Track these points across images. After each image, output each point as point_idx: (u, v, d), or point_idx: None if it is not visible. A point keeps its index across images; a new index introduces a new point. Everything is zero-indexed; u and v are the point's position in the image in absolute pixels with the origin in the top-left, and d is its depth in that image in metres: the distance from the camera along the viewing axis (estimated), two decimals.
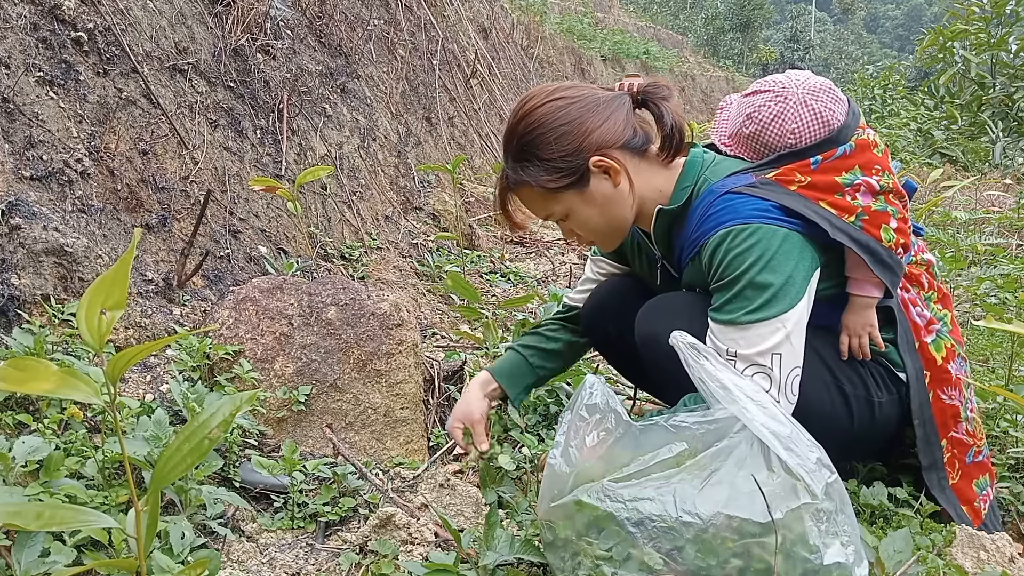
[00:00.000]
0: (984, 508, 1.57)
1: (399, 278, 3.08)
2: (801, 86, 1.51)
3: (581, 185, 1.48)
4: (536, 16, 8.28)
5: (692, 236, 1.48)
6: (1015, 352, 2.24)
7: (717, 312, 1.39)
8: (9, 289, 1.64)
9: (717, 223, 1.40)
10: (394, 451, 1.87)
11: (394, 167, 3.92)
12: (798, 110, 1.49)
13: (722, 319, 1.37)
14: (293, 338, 1.87)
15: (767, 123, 1.50)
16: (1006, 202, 5.64)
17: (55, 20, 2.09)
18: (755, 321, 1.33)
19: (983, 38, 9.73)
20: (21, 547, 1.10)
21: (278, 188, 2.30)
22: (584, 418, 1.23)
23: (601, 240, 1.59)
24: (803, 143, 1.48)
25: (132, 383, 1.73)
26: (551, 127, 1.44)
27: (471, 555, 1.35)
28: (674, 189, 1.51)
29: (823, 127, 1.48)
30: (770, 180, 1.43)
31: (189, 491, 1.40)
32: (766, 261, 1.34)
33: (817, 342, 1.45)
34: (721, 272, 1.39)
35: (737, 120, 1.57)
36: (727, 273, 1.37)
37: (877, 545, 1.27)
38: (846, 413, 1.44)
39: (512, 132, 1.49)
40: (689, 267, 1.53)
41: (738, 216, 1.38)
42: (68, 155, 1.97)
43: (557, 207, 1.50)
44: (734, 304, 1.36)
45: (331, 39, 3.70)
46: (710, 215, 1.43)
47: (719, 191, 1.44)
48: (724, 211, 1.41)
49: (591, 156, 1.45)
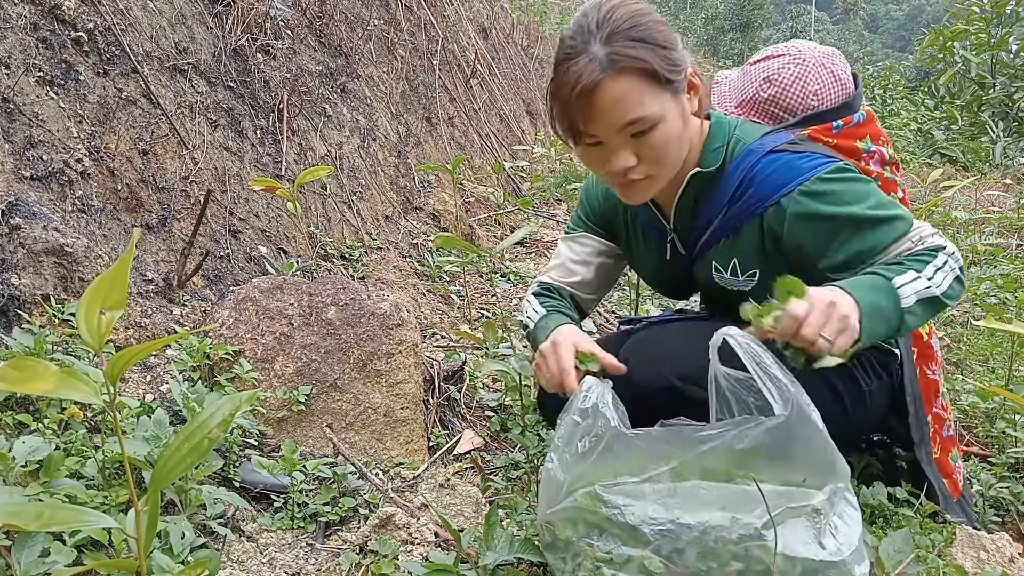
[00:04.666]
0: (960, 481, 1.60)
1: (399, 278, 3.08)
2: (816, 50, 1.51)
3: (678, 92, 1.27)
4: (536, 16, 8.28)
5: (739, 203, 1.32)
6: (1015, 352, 2.24)
7: (871, 249, 1.24)
8: (9, 289, 1.64)
9: (778, 185, 1.28)
10: (394, 451, 1.87)
11: (394, 167, 3.92)
12: (818, 72, 1.48)
13: (890, 239, 1.24)
14: (293, 338, 1.87)
15: (788, 85, 1.48)
16: (1006, 202, 5.64)
17: (55, 20, 2.09)
18: (907, 229, 1.25)
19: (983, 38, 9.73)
20: (21, 547, 1.10)
21: (278, 188, 2.30)
22: (577, 423, 1.20)
23: (651, 183, 1.31)
24: (824, 105, 1.47)
25: (132, 383, 1.73)
26: (658, 20, 1.26)
27: (471, 555, 1.35)
28: (703, 151, 1.35)
29: (841, 90, 1.49)
30: (807, 138, 1.37)
31: (189, 491, 1.40)
32: (875, 191, 1.26)
33: None
34: (831, 222, 1.25)
35: (749, 86, 1.53)
36: (840, 223, 1.24)
37: (877, 545, 1.27)
38: (840, 410, 1.43)
39: (612, 17, 1.23)
40: (724, 243, 1.38)
41: (802, 172, 1.27)
42: (68, 155, 1.97)
43: (655, 107, 1.22)
44: (882, 224, 1.24)
45: (331, 39, 3.70)
46: (766, 177, 1.29)
47: (760, 151, 1.32)
48: (781, 170, 1.29)
49: (686, 67, 1.28)
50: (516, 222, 4.55)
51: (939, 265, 1.23)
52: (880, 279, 1.19)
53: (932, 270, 1.22)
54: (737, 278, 1.39)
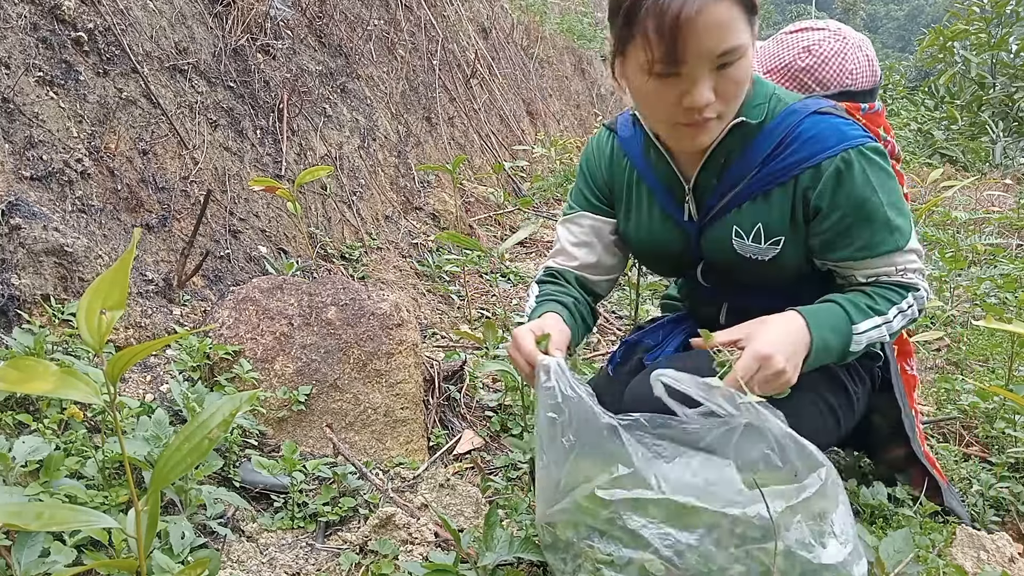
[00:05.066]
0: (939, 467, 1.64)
1: (399, 278, 3.08)
2: (853, 32, 1.53)
3: (755, 23, 1.18)
4: (536, 16, 8.27)
5: (776, 162, 1.27)
6: (1015, 352, 2.24)
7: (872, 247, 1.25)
8: (9, 289, 1.64)
9: (822, 146, 1.23)
10: (394, 451, 1.87)
11: (394, 167, 3.92)
12: (856, 52, 1.48)
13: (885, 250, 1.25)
14: (293, 338, 1.87)
15: (828, 58, 1.48)
16: (1006, 202, 5.65)
17: (55, 20, 2.09)
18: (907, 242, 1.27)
19: (983, 38, 9.73)
20: (21, 547, 1.10)
21: (278, 188, 2.30)
22: (554, 419, 1.16)
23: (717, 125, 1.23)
24: (857, 86, 1.48)
25: (132, 383, 1.73)
26: None
27: (471, 555, 1.35)
28: (744, 104, 1.25)
29: (872, 76, 1.50)
30: (846, 110, 1.33)
31: (189, 491, 1.40)
32: (892, 183, 1.27)
33: None
34: (852, 200, 1.23)
35: (785, 53, 1.52)
36: (860, 202, 1.23)
37: (877, 545, 1.27)
38: (835, 424, 1.42)
39: None
40: (749, 206, 1.30)
41: (847, 138, 1.23)
42: (68, 155, 1.97)
43: (743, 37, 1.14)
44: (882, 232, 1.25)
45: (331, 39, 3.70)
46: (810, 137, 1.24)
47: (803, 111, 1.26)
48: (828, 131, 1.24)
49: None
50: (516, 222, 4.55)
51: (903, 308, 1.28)
52: (844, 320, 1.23)
53: (895, 313, 1.27)
54: (759, 245, 1.31)
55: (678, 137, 1.26)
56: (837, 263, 1.30)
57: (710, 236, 1.37)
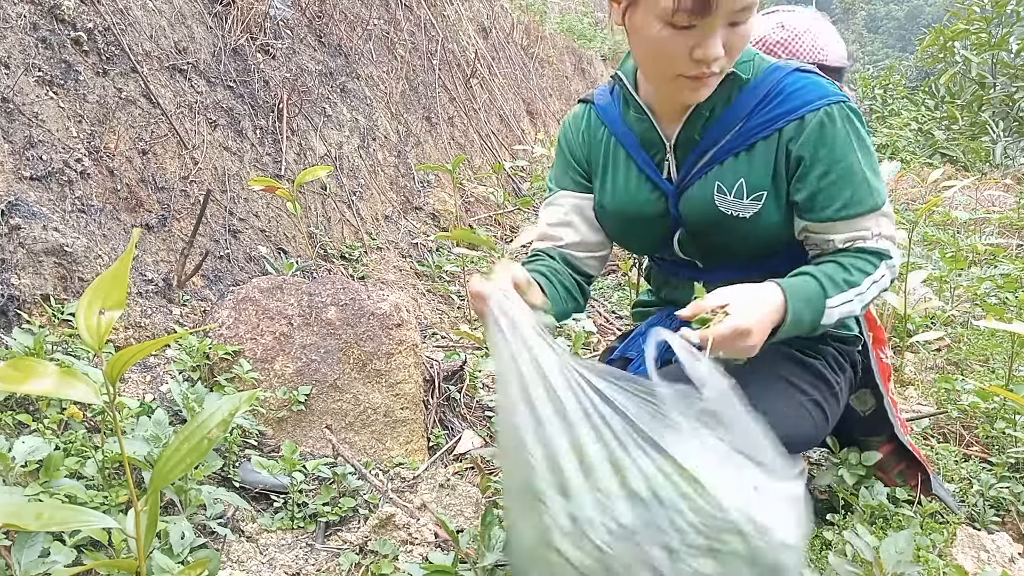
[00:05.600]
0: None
1: (399, 278, 3.08)
2: (824, 16, 1.61)
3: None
4: (536, 16, 8.27)
5: (760, 115, 1.28)
6: (1015, 352, 2.24)
7: (851, 205, 1.27)
8: (9, 289, 1.64)
9: (806, 100, 1.26)
10: (394, 451, 1.87)
11: (394, 167, 3.92)
12: (827, 30, 1.55)
13: (863, 209, 1.27)
14: (293, 338, 1.87)
15: (800, 33, 1.54)
16: (1006, 202, 5.64)
17: (55, 20, 2.09)
18: (883, 203, 1.29)
19: (984, 38, 9.73)
20: (21, 547, 1.10)
21: (278, 188, 2.30)
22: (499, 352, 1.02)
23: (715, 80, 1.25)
24: (829, 61, 1.51)
25: (132, 383, 1.73)
26: None
27: (470, 555, 1.35)
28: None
29: (843, 57, 1.55)
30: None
31: (189, 491, 1.40)
32: (870, 145, 1.30)
33: (778, 363, 1.38)
34: (833, 155, 1.26)
35: (759, 28, 1.58)
36: (840, 157, 1.25)
37: (878, 546, 1.27)
38: (823, 419, 1.42)
39: None
40: (730, 162, 1.32)
41: (829, 94, 1.26)
42: (68, 155, 1.97)
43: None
44: (862, 190, 1.27)
45: (331, 39, 3.70)
46: (794, 91, 1.27)
47: (786, 68, 1.30)
48: (811, 86, 1.27)
49: None
50: (516, 222, 4.55)
51: (876, 278, 1.29)
52: (819, 294, 1.24)
53: (868, 283, 1.28)
54: (741, 200, 1.31)
55: (677, 89, 1.25)
56: (818, 224, 1.30)
57: (690, 195, 1.36)
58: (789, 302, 1.20)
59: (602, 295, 3.49)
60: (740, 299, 1.17)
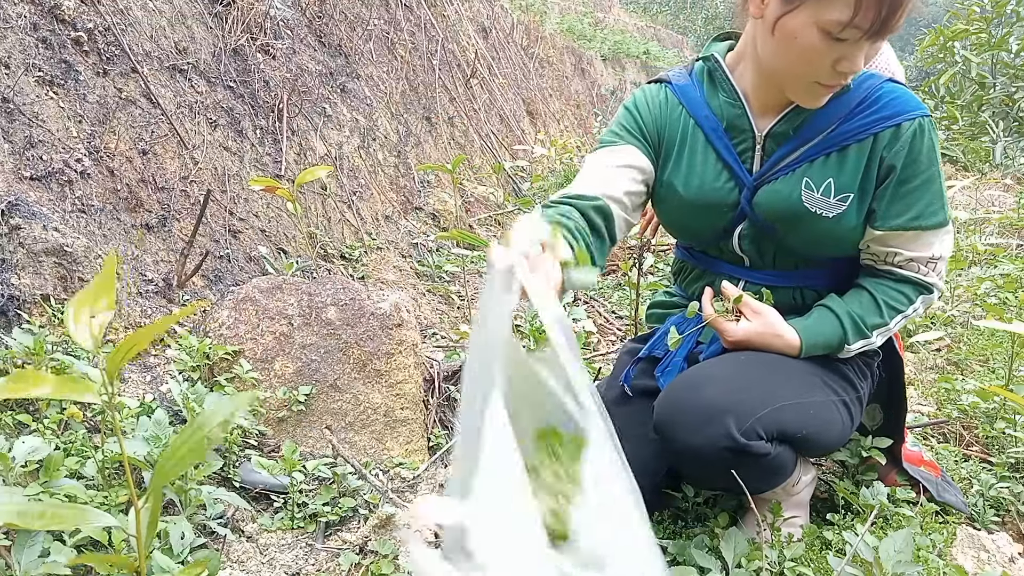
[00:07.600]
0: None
1: (399, 278, 3.08)
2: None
3: None
4: (536, 16, 8.27)
5: (856, 119, 1.29)
6: (1015, 352, 2.24)
7: (925, 216, 1.30)
8: (9, 289, 1.64)
9: (902, 108, 1.28)
10: (394, 451, 1.87)
11: (394, 167, 3.92)
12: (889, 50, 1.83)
13: (935, 222, 1.31)
14: (293, 338, 1.87)
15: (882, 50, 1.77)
16: (1006, 202, 5.64)
17: (55, 20, 2.09)
18: (949, 221, 1.33)
19: (984, 38, 9.72)
20: (21, 547, 1.10)
21: (278, 188, 2.29)
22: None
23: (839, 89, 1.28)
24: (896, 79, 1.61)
25: (132, 383, 1.73)
26: None
27: None
28: None
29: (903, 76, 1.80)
30: None
31: (189, 491, 1.40)
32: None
33: (810, 362, 1.38)
34: (918, 165, 1.29)
35: None
36: (923, 168, 1.29)
37: (877, 546, 1.27)
38: (850, 422, 1.43)
39: None
40: (821, 161, 1.31)
41: (921, 106, 1.29)
42: (68, 155, 1.97)
43: None
44: (937, 203, 1.31)
45: (331, 39, 3.70)
46: (891, 100, 1.29)
47: (880, 77, 1.33)
48: (905, 96, 1.30)
49: None
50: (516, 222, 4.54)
51: (908, 313, 1.36)
52: (839, 339, 1.36)
53: (897, 320, 1.37)
54: (828, 199, 1.31)
55: (806, 93, 1.26)
56: (889, 233, 1.33)
57: (772, 188, 1.34)
58: (804, 349, 1.35)
59: (602, 295, 3.49)
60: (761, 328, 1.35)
